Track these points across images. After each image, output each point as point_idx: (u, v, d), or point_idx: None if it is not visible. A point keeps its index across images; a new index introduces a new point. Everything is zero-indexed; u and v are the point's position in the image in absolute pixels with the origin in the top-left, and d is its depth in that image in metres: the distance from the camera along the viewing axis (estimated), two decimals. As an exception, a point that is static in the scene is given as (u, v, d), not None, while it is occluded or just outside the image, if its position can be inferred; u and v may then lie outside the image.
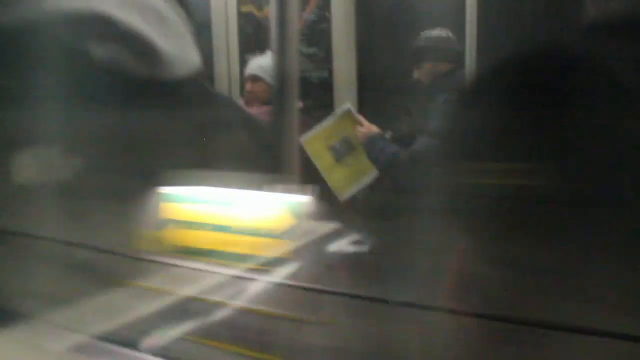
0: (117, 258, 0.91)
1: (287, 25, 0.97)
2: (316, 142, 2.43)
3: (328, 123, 2.49)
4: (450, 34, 2.53)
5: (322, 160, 2.42)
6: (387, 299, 0.73)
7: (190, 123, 0.86)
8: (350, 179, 2.46)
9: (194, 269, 0.88)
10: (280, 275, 0.86)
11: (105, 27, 0.79)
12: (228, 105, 1.07)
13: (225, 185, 0.90)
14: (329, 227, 0.98)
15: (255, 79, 2.71)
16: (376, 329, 0.77)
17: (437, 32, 2.52)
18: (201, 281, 0.87)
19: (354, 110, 2.52)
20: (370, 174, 2.47)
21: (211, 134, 0.89)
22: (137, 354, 0.73)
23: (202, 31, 3.43)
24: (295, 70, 1.02)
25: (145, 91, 0.82)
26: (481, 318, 0.67)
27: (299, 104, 2.74)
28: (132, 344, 0.75)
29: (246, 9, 3.30)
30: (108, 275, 0.91)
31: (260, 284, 0.86)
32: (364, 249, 0.98)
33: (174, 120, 0.84)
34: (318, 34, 3.09)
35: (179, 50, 0.85)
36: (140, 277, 0.87)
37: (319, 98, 2.76)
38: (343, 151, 2.45)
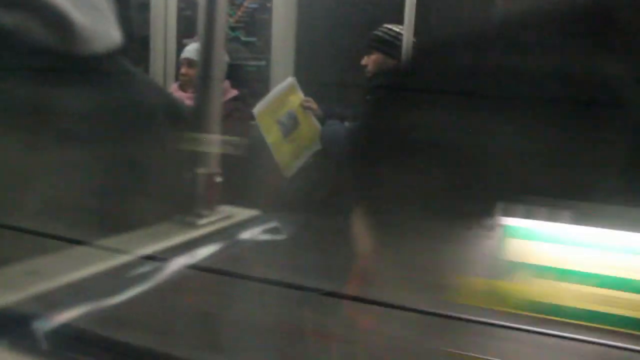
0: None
1: (215, 9, 0.96)
2: (266, 114, 2.47)
3: (275, 94, 2.52)
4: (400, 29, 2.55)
5: (271, 135, 2.47)
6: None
7: (102, 101, 0.83)
8: (294, 154, 2.51)
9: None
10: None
11: None
12: (148, 86, 1.05)
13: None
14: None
15: (190, 63, 2.67)
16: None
17: (398, 28, 2.53)
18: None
19: (296, 84, 2.55)
20: (310, 148, 2.52)
21: (125, 114, 0.87)
22: None
23: (141, 12, 3.35)
24: (221, 56, 1.01)
25: (55, 64, 0.79)
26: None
27: (235, 92, 2.74)
28: None
29: (186, -9, 3.25)
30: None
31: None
32: None
33: (84, 97, 0.81)
34: (258, 22, 3.07)
35: (96, 25, 0.83)
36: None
37: (255, 87, 2.74)
38: (289, 125, 2.50)
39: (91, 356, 0.63)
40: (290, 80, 2.59)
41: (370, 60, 2.53)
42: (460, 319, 0.58)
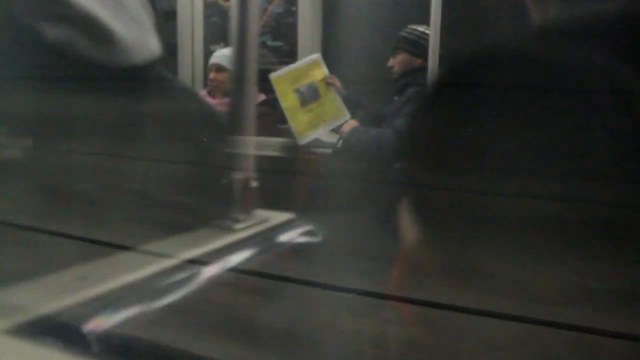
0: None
1: (247, 15, 0.97)
2: (284, 81, 2.51)
3: (297, 66, 2.56)
4: (425, 29, 2.56)
5: (287, 101, 2.50)
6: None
7: (144, 110, 0.85)
8: (311, 124, 2.54)
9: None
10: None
11: (58, 8, 0.77)
12: (187, 95, 1.07)
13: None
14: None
15: (219, 68, 2.70)
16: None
17: (423, 28, 2.56)
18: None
19: (322, 60, 2.57)
20: (337, 118, 2.54)
21: (165, 122, 0.88)
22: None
23: (168, 20, 3.39)
24: (254, 61, 1.02)
25: (99, 76, 0.81)
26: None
27: (263, 96, 2.76)
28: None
29: (212, -2, 3.29)
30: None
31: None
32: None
33: (127, 107, 0.83)
34: (284, 27, 3.09)
35: (137, 36, 0.84)
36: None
37: (282, 91, 2.76)
38: (308, 96, 2.52)
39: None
40: (316, 55, 2.61)
41: (396, 62, 2.55)
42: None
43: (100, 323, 0.67)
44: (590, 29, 0.61)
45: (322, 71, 2.58)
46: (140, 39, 0.85)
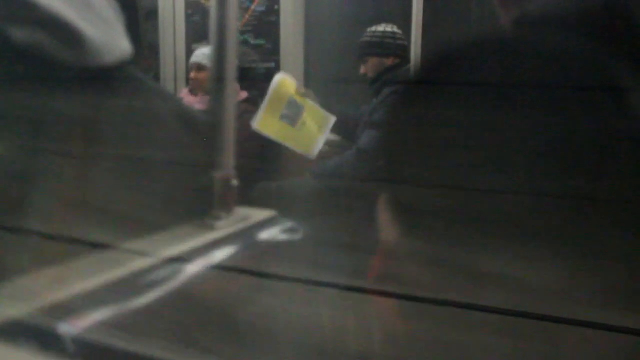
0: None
1: (226, 13, 0.97)
2: (267, 120, 2.47)
3: (268, 97, 2.53)
4: (396, 29, 2.58)
5: (280, 133, 2.47)
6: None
7: (114, 111, 0.85)
8: (310, 137, 2.52)
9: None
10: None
11: (24, 10, 0.76)
12: (159, 94, 1.06)
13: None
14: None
15: (200, 67, 2.69)
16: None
17: (383, 27, 2.57)
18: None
19: (286, 75, 2.56)
20: (327, 124, 2.53)
21: (137, 122, 0.88)
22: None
23: (149, 19, 3.37)
24: (233, 59, 1.02)
25: (68, 77, 0.81)
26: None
27: (244, 94, 2.76)
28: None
29: (193, -4, 3.27)
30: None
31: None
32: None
33: (96, 107, 0.82)
34: (266, 25, 3.08)
35: (106, 37, 0.84)
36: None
37: (264, 88, 2.75)
38: (293, 115, 2.50)
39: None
40: (279, 75, 2.59)
41: (367, 67, 2.56)
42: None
43: (77, 324, 0.66)
44: (561, 22, 0.62)
45: (292, 85, 2.54)
46: (109, 39, 0.85)
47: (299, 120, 2.51)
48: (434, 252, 0.65)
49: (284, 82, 2.53)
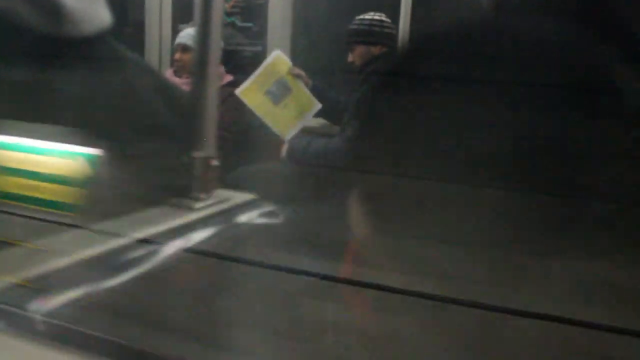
0: None
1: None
2: (251, 90, 2.51)
3: (260, 70, 2.55)
4: (384, 17, 2.56)
5: (261, 107, 2.50)
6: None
7: (93, 83, 0.83)
8: (290, 119, 2.55)
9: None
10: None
11: None
12: (141, 67, 1.04)
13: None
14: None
15: (185, 48, 2.66)
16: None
17: (371, 15, 2.55)
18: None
19: (283, 54, 2.57)
20: (310, 111, 2.56)
21: (116, 94, 0.86)
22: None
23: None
24: (217, 41, 1.01)
25: (46, 46, 0.79)
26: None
27: (229, 77, 2.74)
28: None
29: (181, -24, 3.23)
30: None
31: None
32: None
33: (75, 80, 0.80)
34: (254, 7, 3.05)
35: (86, 7, 0.82)
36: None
37: (251, 72, 2.73)
38: (279, 93, 2.53)
39: (86, 342, 0.63)
40: (276, 52, 2.61)
41: (354, 56, 2.55)
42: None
43: (47, 303, 0.65)
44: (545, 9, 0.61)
45: (286, 64, 2.56)
46: (90, 10, 0.83)
47: (283, 100, 2.54)
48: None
49: (279, 60, 2.55)
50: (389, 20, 2.55)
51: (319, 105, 2.57)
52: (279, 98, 2.54)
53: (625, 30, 0.59)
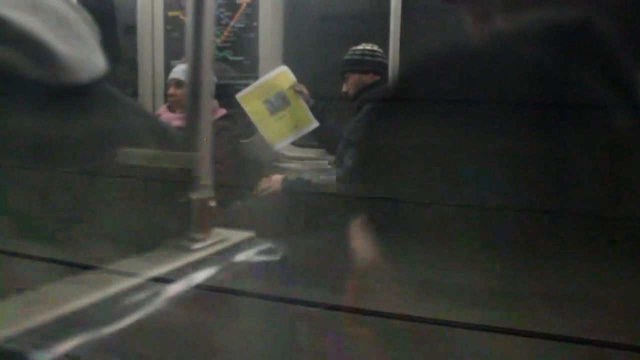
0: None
1: (202, 29, 0.97)
2: (251, 98, 2.59)
3: (263, 79, 2.62)
4: (376, 47, 2.61)
5: (256, 113, 2.57)
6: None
7: (89, 129, 0.84)
8: (283, 130, 2.60)
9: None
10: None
11: None
12: (135, 112, 1.05)
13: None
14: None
15: (178, 83, 2.69)
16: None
17: (362, 45, 2.60)
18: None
19: (289, 70, 2.62)
20: (306, 126, 2.60)
21: (112, 140, 0.87)
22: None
23: (128, 34, 3.35)
24: (209, 76, 1.01)
25: (43, 95, 0.80)
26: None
27: (223, 111, 2.76)
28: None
29: (172, 13, 3.26)
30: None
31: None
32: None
33: (73, 124, 0.81)
34: (245, 42, 3.08)
35: (81, 54, 0.83)
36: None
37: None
38: (277, 104, 2.59)
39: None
40: (283, 67, 2.66)
41: (348, 85, 2.60)
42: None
43: (52, 349, 0.65)
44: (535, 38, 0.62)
45: (290, 79, 2.62)
46: (84, 57, 0.84)
47: (279, 111, 2.59)
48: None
49: (283, 75, 2.61)
50: (380, 50, 2.60)
51: (315, 124, 2.61)
52: (276, 109, 2.59)
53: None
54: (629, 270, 0.55)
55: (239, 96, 2.60)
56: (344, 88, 2.62)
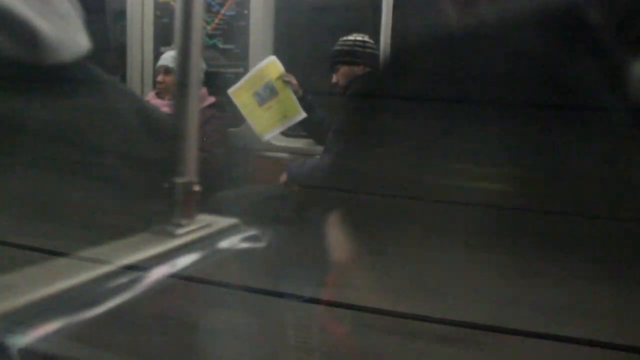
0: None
1: (191, 15, 0.95)
2: (241, 91, 2.62)
3: (252, 72, 2.63)
4: (367, 38, 2.60)
5: (246, 107, 2.60)
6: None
7: (71, 109, 0.82)
8: (270, 121, 2.62)
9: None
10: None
11: None
12: (119, 92, 1.03)
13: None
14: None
15: (167, 70, 2.67)
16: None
17: (354, 36, 2.59)
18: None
19: (277, 61, 2.63)
20: (294, 117, 2.61)
21: (96, 121, 0.85)
22: None
23: (117, 20, 3.32)
24: (198, 63, 1.00)
25: (24, 74, 0.78)
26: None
27: (212, 99, 2.75)
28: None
29: (163, -1, 3.23)
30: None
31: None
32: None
33: (51, 106, 0.79)
34: (236, 30, 3.06)
35: (64, 34, 0.81)
36: None
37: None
38: (265, 95, 2.61)
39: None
40: (271, 57, 2.66)
41: (339, 75, 2.59)
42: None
43: (27, 335, 0.64)
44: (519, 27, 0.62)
45: (278, 70, 2.62)
46: (67, 36, 0.82)
47: (267, 102, 2.59)
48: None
49: (272, 65, 2.61)
50: (371, 41, 2.59)
51: (303, 115, 2.61)
52: (264, 100, 2.60)
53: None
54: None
55: (230, 91, 2.62)
56: (334, 79, 2.62)
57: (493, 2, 0.66)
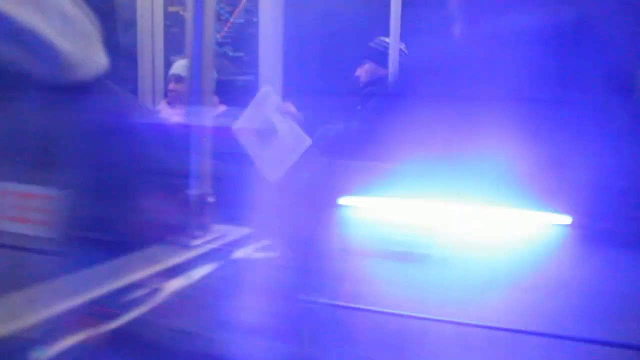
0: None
1: (203, 25, 0.97)
2: (242, 130, 2.57)
3: (248, 110, 2.60)
4: (403, 47, 2.64)
5: (251, 146, 2.56)
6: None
7: (90, 125, 0.83)
8: (276, 162, 2.59)
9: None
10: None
11: None
12: (134, 108, 1.05)
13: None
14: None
15: (179, 79, 2.68)
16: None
17: (389, 40, 2.65)
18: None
19: (271, 90, 2.61)
20: (299, 148, 2.59)
21: (111, 135, 0.86)
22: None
23: (128, 30, 3.35)
24: (210, 72, 1.01)
25: (43, 92, 0.79)
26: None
27: (223, 108, 2.76)
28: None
29: (173, 8, 3.25)
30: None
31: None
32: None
33: (72, 122, 0.80)
34: (245, 38, 3.08)
35: (83, 52, 0.82)
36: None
37: (243, 101, 2.75)
38: (266, 134, 2.58)
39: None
40: (264, 89, 2.65)
41: (362, 70, 2.62)
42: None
43: (46, 349, 0.65)
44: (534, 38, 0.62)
45: (274, 102, 2.60)
46: (86, 54, 0.83)
47: (270, 141, 2.58)
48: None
49: (268, 97, 2.59)
50: (406, 50, 2.63)
51: (309, 142, 2.59)
52: (266, 139, 2.58)
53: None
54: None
55: (234, 128, 2.59)
56: (358, 72, 2.65)
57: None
